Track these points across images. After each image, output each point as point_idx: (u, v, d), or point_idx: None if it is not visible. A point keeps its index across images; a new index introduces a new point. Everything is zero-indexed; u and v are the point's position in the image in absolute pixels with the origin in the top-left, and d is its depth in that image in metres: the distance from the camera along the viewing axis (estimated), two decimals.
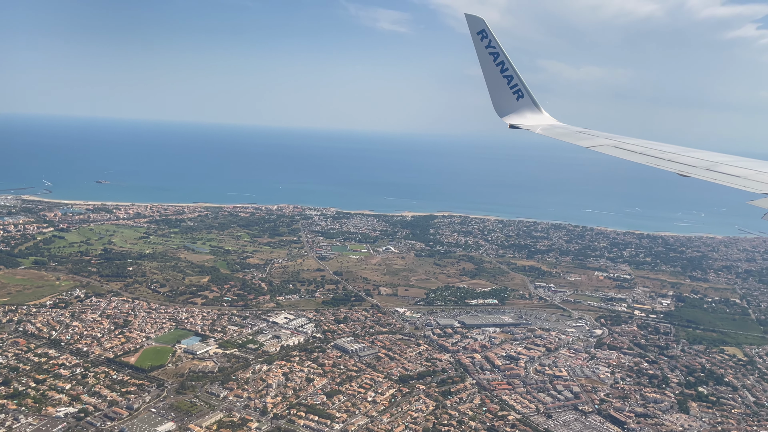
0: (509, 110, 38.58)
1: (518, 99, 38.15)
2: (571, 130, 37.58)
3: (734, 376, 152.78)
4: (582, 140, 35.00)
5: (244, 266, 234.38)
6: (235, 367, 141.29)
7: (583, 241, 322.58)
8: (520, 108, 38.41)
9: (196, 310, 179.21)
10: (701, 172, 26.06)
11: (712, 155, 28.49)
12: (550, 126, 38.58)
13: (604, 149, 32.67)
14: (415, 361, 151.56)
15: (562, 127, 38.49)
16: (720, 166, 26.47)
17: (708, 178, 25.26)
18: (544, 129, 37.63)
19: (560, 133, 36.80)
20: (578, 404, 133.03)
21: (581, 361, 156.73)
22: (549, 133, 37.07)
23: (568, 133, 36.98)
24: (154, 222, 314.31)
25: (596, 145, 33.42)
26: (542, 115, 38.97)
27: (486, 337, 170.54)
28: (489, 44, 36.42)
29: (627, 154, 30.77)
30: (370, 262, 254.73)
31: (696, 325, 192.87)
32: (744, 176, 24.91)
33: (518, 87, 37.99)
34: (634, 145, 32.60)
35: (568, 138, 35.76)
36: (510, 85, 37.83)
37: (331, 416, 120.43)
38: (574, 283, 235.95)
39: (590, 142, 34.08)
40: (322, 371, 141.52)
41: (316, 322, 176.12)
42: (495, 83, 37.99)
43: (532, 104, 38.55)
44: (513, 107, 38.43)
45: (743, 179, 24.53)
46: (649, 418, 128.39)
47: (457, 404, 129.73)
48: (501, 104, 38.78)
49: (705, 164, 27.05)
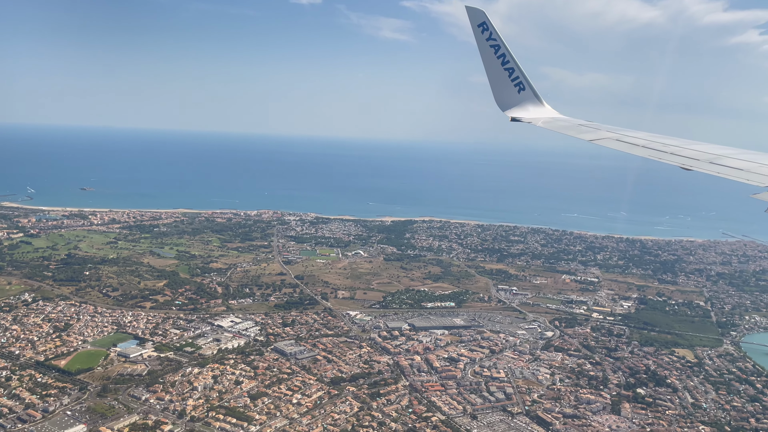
0: (511, 103, 38.00)
1: (520, 92, 37.56)
2: (573, 123, 36.68)
3: (678, 378, 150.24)
4: (584, 133, 34.11)
5: (206, 270, 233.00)
6: (165, 370, 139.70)
7: (560, 244, 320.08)
8: (522, 101, 37.79)
9: (142, 314, 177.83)
10: (704, 165, 25.50)
11: (715, 148, 27.79)
12: (552, 119, 37.70)
13: (606, 142, 31.82)
14: (352, 363, 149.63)
15: (564, 120, 37.64)
16: (723, 159, 25.82)
17: (711, 171, 24.64)
18: (545, 122, 36.88)
19: (562, 126, 35.92)
20: (508, 405, 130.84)
21: (523, 363, 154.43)
22: (550, 126, 36.29)
23: (569, 126, 36.07)
24: (128, 228, 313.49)
25: (598, 138, 32.60)
26: (544, 108, 38.22)
27: (432, 340, 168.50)
28: (490, 36, 35.79)
29: (629, 147, 30.05)
30: (336, 266, 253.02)
31: (652, 327, 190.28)
32: (747, 169, 24.34)
33: (519, 80, 37.35)
34: (637, 138, 31.67)
35: (570, 131, 34.78)
36: (511, 78, 37.26)
37: (250, 418, 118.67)
38: (539, 286, 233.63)
39: (592, 135, 33.30)
40: (253, 374, 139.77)
41: (262, 325, 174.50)
42: (496, 76, 37.43)
43: (534, 97, 37.84)
44: (515, 100, 37.83)
45: (746, 172, 24.00)
46: (578, 419, 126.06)
47: (383, 406, 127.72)
48: (502, 97, 38.22)
49: (708, 157, 26.42)
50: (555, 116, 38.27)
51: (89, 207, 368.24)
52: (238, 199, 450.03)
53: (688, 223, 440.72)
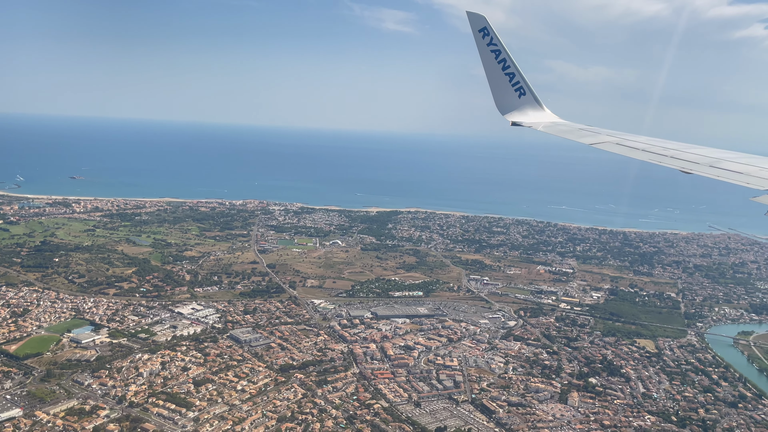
0: (511, 108, 38.05)
1: (520, 96, 37.50)
2: (573, 128, 36.49)
3: (633, 368, 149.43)
4: (584, 137, 33.89)
5: (179, 258, 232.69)
6: (115, 356, 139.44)
7: (542, 236, 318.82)
8: (522, 105, 37.82)
9: (104, 301, 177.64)
10: (704, 168, 25.61)
11: (715, 152, 27.89)
12: (552, 123, 37.66)
13: (606, 146, 31.72)
14: (306, 351, 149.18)
15: (564, 124, 37.53)
16: (723, 163, 26.01)
17: (711, 174, 24.83)
18: (546, 126, 36.81)
19: (562, 131, 35.77)
20: (455, 393, 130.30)
21: (479, 352, 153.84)
22: (551, 130, 36.13)
23: (570, 130, 35.91)
24: (109, 216, 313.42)
25: (599, 142, 32.48)
26: (544, 113, 38.23)
27: (392, 328, 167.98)
28: (491, 42, 35.70)
29: (629, 151, 29.97)
30: (311, 256, 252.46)
31: (618, 317, 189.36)
32: (747, 173, 24.41)
33: (520, 84, 37.26)
34: (637, 142, 31.67)
35: (571, 135, 34.69)
36: (512, 83, 37.22)
37: (189, 404, 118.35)
38: (512, 276, 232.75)
39: (592, 139, 33.13)
40: (203, 360, 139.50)
41: (223, 312, 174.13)
42: (497, 81, 37.40)
43: (534, 102, 37.87)
44: (515, 105, 37.88)
45: (746, 176, 24.08)
46: (523, 408, 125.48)
47: (328, 393, 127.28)
48: (503, 102, 38.24)
49: (708, 161, 26.55)
50: (555, 121, 38.31)
51: (76, 195, 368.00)
52: (226, 189, 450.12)
53: (676, 216, 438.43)
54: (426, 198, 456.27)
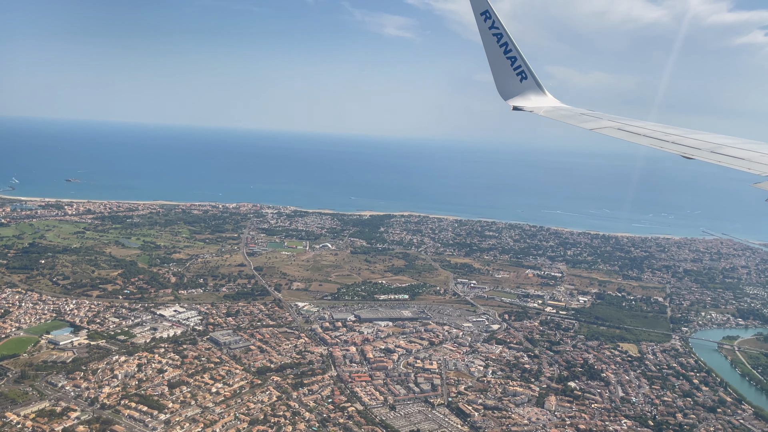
0: (513, 92, 37.48)
1: (522, 81, 37.00)
2: (574, 112, 35.93)
3: (614, 372, 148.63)
4: (585, 122, 33.42)
5: (166, 261, 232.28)
6: (92, 357, 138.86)
7: (533, 240, 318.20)
8: (524, 90, 37.28)
9: (86, 302, 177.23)
10: (705, 154, 25.40)
11: (716, 137, 27.65)
12: (554, 108, 37.07)
13: (608, 131, 31.22)
14: (285, 353, 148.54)
15: (566, 108, 36.95)
16: (724, 149, 25.71)
17: (712, 160, 24.58)
18: (547, 111, 36.27)
19: (563, 115, 35.23)
20: (431, 397, 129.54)
21: (459, 355, 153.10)
22: (552, 115, 35.62)
23: (571, 115, 35.40)
24: (100, 218, 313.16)
25: (600, 127, 32.02)
26: (546, 97, 37.62)
27: (374, 331, 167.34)
28: (492, 25, 35.24)
29: (631, 137, 29.67)
30: (300, 258, 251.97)
31: (603, 321, 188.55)
32: (748, 158, 24.15)
33: (522, 69, 36.68)
34: (638, 127, 31.27)
35: (572, 120, 34.06)
36: (513, 67, 36.69)
37: (162, 406, 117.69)
38: (500, 280, 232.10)
39: (594, 125, 32.69)
40: (180, 362, 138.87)
41: (205, 315, 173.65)
42: (498, 65, 36.90)
43: (536, 86, 37.26)
44: (517, 89, 37.32)
45: (747, 161, 23.83)
46: (499, 411, 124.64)
47: (303, 395, 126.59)
48: (505, 86, 37.73)
49: (709, 146, 26.29)
50: (557, 105, 37.71)
51: (70, 198, 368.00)
52: (221, 192, 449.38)
53: (670, 221, 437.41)
54: (421, 202, 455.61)
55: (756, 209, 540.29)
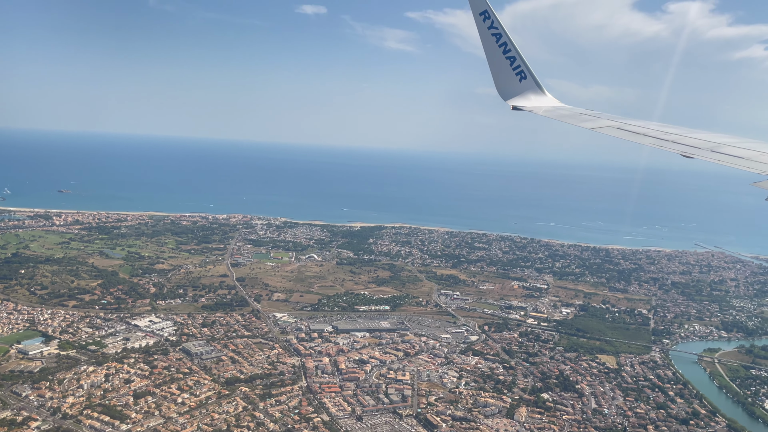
0: (512, 92, 37.24)
1: (521, 80, 36.74)
2: (574, 112, 35.60)
3: (589, 384, 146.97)
4: (585, 122, 33.11)
5: (149, 271, 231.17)
6: (60, 367, 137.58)
7: (523, 252, 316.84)
8: (524, 90, 37.02)
9: (61, 312, 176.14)
10: (705, 153, 25.20)
11: (716, 136, 27.43)
12: (553, 107, 36.77)
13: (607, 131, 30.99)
14: (257, 364, 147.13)
15: (565, 108, 36.58)
16: (724, 148, 25.52)
17: (712, 159, 24.41)
18: (546, 110, 35.94)
19: (563, 115, 34.88)
20: (400, 408, 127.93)
21: (434, 366, 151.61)
22: (552, 114, 35.25)
23: (571, 114, 35.04)
24: (87, 229, 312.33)
25: (599, 126, 31.78)
26: (545, 97, 37.33)
27: (350, 342, 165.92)
28: (491, 25, 35.02)
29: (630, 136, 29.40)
30: (284, 269, 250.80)
31: (584, 333, 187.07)
32: (748, 157, 23.89)
33: (521, 68, 36.46)
34: (638, 126, 31.03)
35: (571, 120, 33.71)
36: (513, 67, 36.49)
37: (125, 417, 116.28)
38: (484, 292, 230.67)
39: (593, 124, 32.41)
40: (148, 373, 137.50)
41: (180, 325, 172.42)
42: (497, 65, 36.66)
43: (535, 86, 37.01)
44: (516, 89, 37.08)
45: (747, 160, 23.55)
46: (467, 422, 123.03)
47: (270, 406, 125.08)
48: (504, 86, 37.46)
49: (709, 145, 26.08)
50: (556, 105, 37.33)
51: (61, 209, 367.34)
52: (212, 203, 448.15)
53: (664, 233, 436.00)
54: (414, 213, 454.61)
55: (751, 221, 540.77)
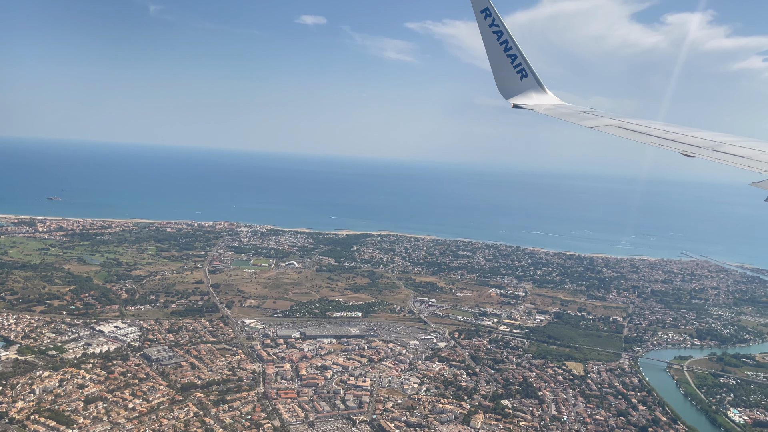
0: (513, 91, 37.00)
1: (522, 79, 36.49)
2: (575, 111, 35.35)
3: (551, 390, 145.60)
4: (586, 120, 32.84)
5: (124, 277, 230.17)
6: (16, 372, 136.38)
7: (506, 260, 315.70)
8: (524, 88, 36.80)
9: (27, 317, 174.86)
10: (705, 152, 25.12)
11: (716, 136, 27.49)
12: (554, 106, 36.48)
13: (608, 129, 30.83)
14: (217, 370, 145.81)
15: (567, 106, 36.28)
16: (724, 147, 25.46)
17: (712, 158, 24.31)
18: (547, 109, 35.60)
19: (563, 113, 34.65)
20: (355, 414, 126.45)
21: (397, 373, 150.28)
22: (552, 113, 34.95)
23: (572, 113, 34.80)
24: (70, 235, 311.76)
25: (600, 125, 31.66)
26: (546, 95, 37.07)
27: (315, 348, 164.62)
28: (492, 23, 34.72)
29: (631, 135, 29.23)
30: (261, 276, 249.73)
31: (555, 340, 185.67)
32: (749, 156, 23.83)
33: (522, 66, 36.17)
34: (639, 125, 30.89)
35: (572, 118, 33.51)
36: (514, 65, 36.25)
37: (72, 422, 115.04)
38: (461, 299, 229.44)
39: (594, 123, 32.22)
40: (104, 378, 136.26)
41: (146, 331, 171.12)
42: (499, 63, 36.40)
43: (536, 84, 36.76)
44: (517, 87, 36.89)
45: (747, 159, 23.47)
46: (421, 429, 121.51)
47: (222, 412, 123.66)
48: (505, 85, 37.21)
49: (709, 144, 25.98)
50: (557, 103, 37.00)
51: (47, 215, 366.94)
52: (200, 211, 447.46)
53: (651, 242, 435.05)
54: (402, 222, 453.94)
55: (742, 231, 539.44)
